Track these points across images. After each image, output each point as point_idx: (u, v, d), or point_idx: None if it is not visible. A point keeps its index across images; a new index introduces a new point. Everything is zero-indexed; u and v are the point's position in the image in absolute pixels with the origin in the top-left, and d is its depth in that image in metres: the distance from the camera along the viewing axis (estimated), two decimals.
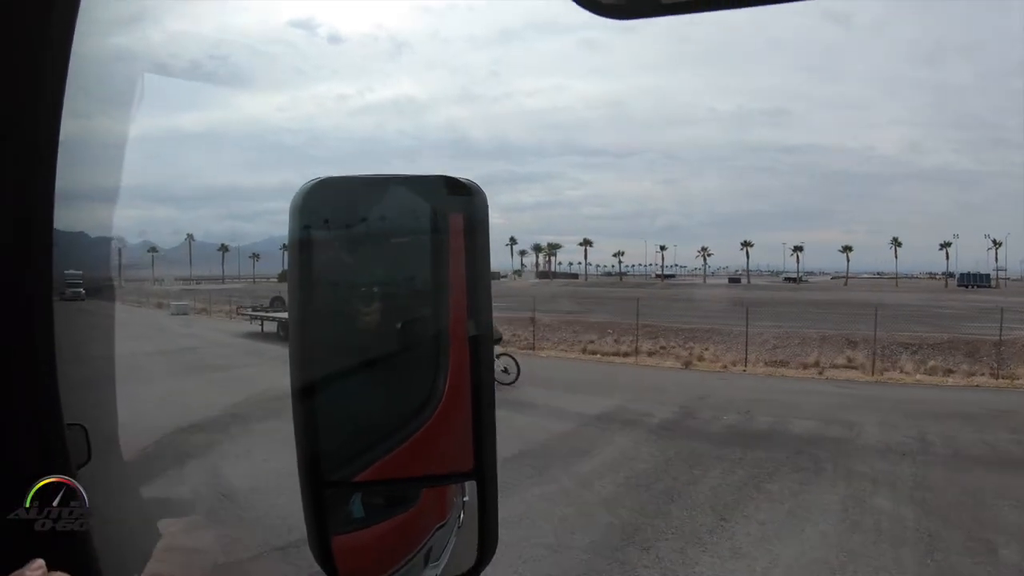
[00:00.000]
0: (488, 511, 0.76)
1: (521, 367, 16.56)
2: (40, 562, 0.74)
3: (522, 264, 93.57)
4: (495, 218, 0.75)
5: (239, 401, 12.78)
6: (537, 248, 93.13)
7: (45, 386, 0.95)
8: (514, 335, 23.53)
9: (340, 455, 0.73)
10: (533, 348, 23.41)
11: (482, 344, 0.74)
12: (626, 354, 22.32)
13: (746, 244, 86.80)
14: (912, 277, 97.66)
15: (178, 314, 38.45)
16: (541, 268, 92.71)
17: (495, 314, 0.79)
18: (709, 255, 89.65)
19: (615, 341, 24.72)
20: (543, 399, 13.99)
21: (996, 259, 76.24)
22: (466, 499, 0.82)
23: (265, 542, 6.16)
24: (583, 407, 13.43)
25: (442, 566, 0.85)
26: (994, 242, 73.03)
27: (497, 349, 15.59)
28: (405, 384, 0.77)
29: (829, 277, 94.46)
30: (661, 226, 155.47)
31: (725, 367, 19.93)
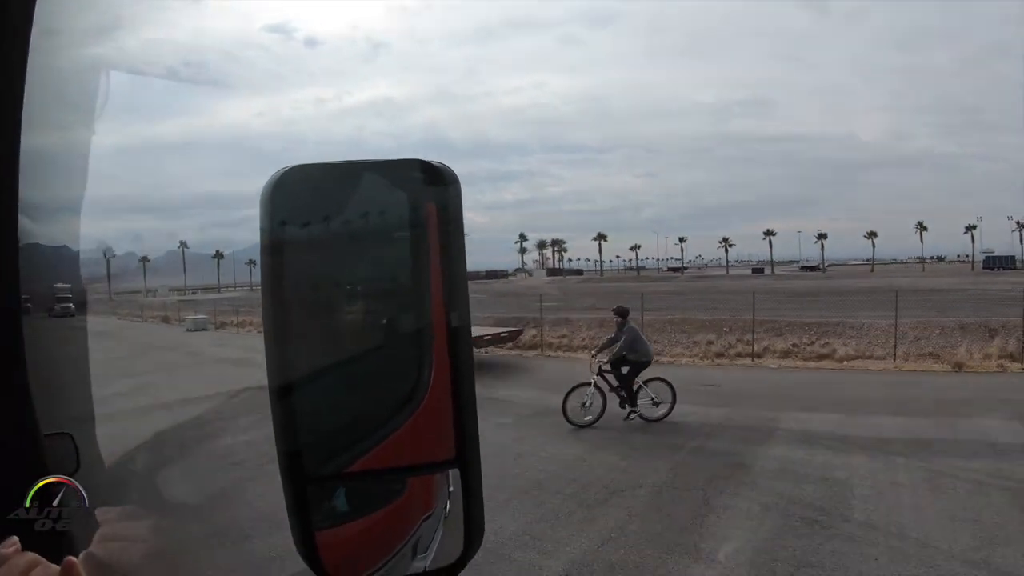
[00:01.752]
0: (473, 499, 0.76)
1: (739, 388, 13.08)
2: (14, 539, 0.77)
3: (523, 262, 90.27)
4: (479, 217, 0.72)
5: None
6: (541, 244, 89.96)
7: (19, 395, 0.96)
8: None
9: (322, 450, 0.73)
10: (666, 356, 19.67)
11: (461, 335, 0.74)
12: (848, 358, 18.53)
13: (768, 233, 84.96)
14: (902, 262, 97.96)
15: (196, 330, 33.15)
16: (548, 265, 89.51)
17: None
18: (731, 245, 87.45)
19: (739, 340, 21.56)
20: (939, 430, 9.84)
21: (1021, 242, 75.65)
22: (451, 490, 0.78)
23: None
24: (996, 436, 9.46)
25: (430, 557, 0.81)
26: (1018, 224, 72.08)
27: (645, 373, 11.31)
28: (386, 378, 0.76)
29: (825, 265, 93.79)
30: (645, 219, 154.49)
31: (1002, 366, 16.31)
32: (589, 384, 10.94)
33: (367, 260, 0.77)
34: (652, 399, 11.03)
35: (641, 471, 8.33)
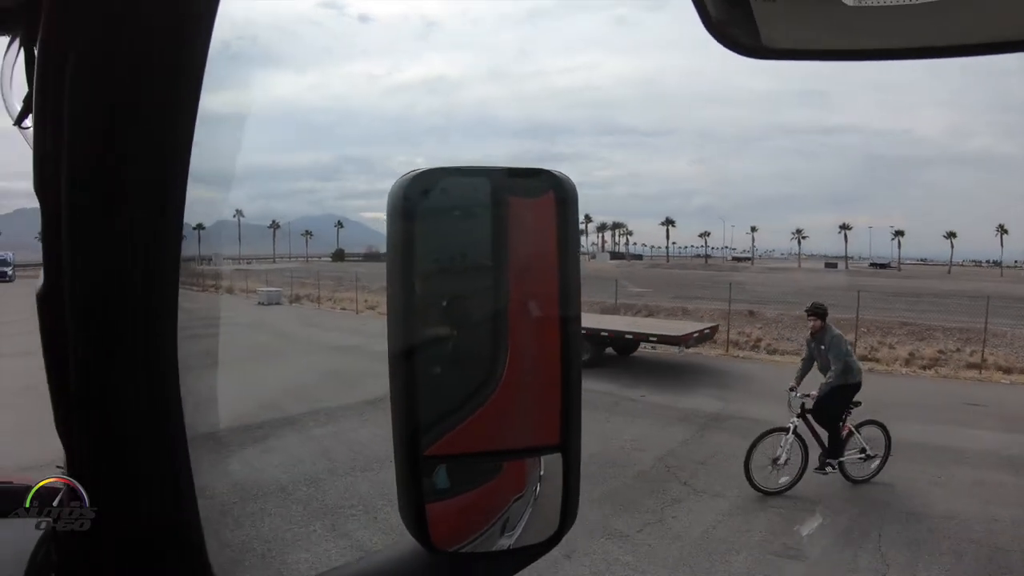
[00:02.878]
0: (571, 484, 0.79)
1: None
2: None
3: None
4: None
5: None
6: (602, 227, 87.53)
7: (168, 385, 0.89)
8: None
9: (432, 429, 0.76)
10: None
11: (571, 324, 0.77)
12: None
13: (844, 227, 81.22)
14: (960, 264, 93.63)
15: (270, 304, 31.30)
16: (607, 248, 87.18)
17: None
18: (804, 237, 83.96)
19: (880, 343, 19.11)
20: None
21: None
22: (542, 473, 0.80)
23: None
24: None
25: (516, 536, 0.82)
26: None
27: (859, 413, 7.79)
28: (493, 365, 0.77)
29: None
30: (696, 206, 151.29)
31: None
32: (785, 430, 7.57)
33: (487, 251, 0.77)
34: (864, 451, 7.71)
35: None
